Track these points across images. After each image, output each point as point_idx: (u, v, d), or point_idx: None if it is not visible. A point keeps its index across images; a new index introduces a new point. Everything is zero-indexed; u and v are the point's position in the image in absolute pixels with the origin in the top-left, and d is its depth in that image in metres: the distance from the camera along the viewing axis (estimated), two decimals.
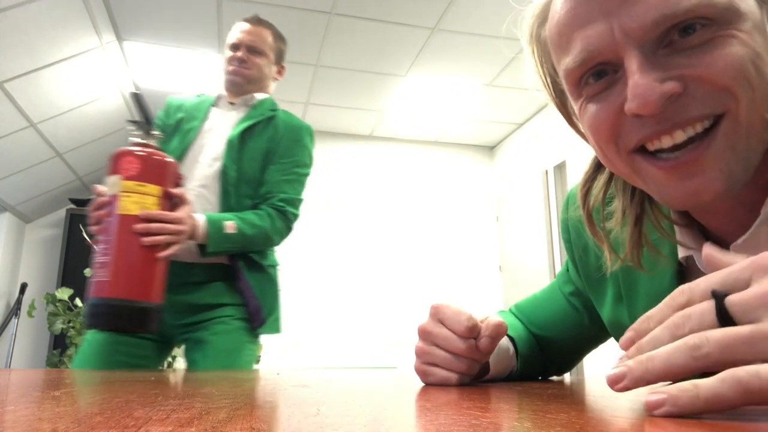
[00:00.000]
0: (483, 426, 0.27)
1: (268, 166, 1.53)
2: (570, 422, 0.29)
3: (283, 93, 4.29)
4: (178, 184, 1.15)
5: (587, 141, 0.53)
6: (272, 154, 1.56)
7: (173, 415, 0.31)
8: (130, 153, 1.08)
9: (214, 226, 1.33)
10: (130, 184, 1.06)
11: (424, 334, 0.60)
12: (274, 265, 1.56)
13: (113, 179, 1.06)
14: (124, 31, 3.44)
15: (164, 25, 3.39)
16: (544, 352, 0.75)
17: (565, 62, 0.48)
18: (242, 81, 1.67)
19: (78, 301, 3.35)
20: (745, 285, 0.31)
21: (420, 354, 0.60)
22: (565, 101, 0.55)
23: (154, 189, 1.08)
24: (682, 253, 0.55)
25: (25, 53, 3.16)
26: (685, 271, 0.56)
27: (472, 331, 0.57)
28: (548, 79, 0.56)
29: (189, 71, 3.93)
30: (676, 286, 0.56)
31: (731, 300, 0.31)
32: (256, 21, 1.81)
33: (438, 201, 5.10)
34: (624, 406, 0.40)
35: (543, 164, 4.43)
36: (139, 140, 1.11)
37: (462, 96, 4.31)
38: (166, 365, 1.63)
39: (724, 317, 0.31)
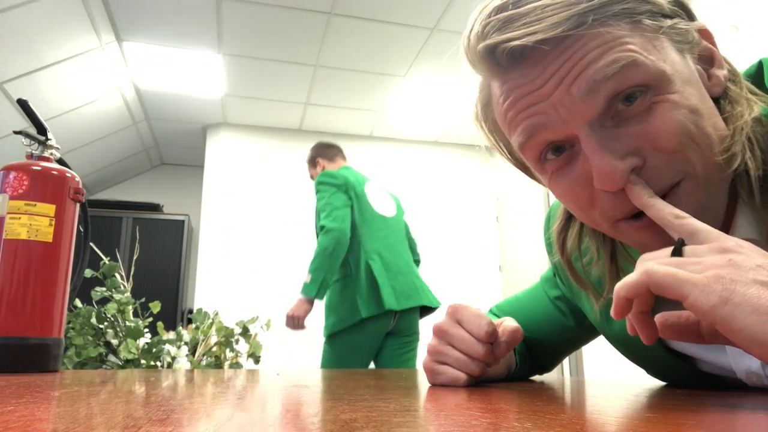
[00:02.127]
0: (483, 426, 0.27)
1: None
2: (570, 422, 0.29)
3: (283, 93, 4.30)
4: (77, 199, 0.98)
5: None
6: None
7: (173, 415, 0.31)
8: (19, 168, 0.91)
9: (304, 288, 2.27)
10: (19, 204, 0.90)
11: (441, 333, 0.60)
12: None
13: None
14: (124, 32, 3.44)
15: (164, 26, 3.39)
16: (530, 353, 0.76)
17: (516, 140, 0.50)
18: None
19: (78, 302, 3.35)
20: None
21: (433, 352, 0.60)
22: (524, 163, 0.57)
23: (48, 208, 0.93)
24: None
25: (25, 53, 3.17)
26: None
27: (491, 336, 0.57)
28: (504, 148, 0.58)
29: (188, 71, 3.92)
30: None
31: (689, 246, 0.39)
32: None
33: (438, 201, 5.10)
34: (624, 406, 0.40)
35: None
36: (31, 152, 0.97)
37: (462, 96, 4.31)
38: (165, 365, 1.63)
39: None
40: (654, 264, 0.37)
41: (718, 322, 0.33)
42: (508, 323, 0.60)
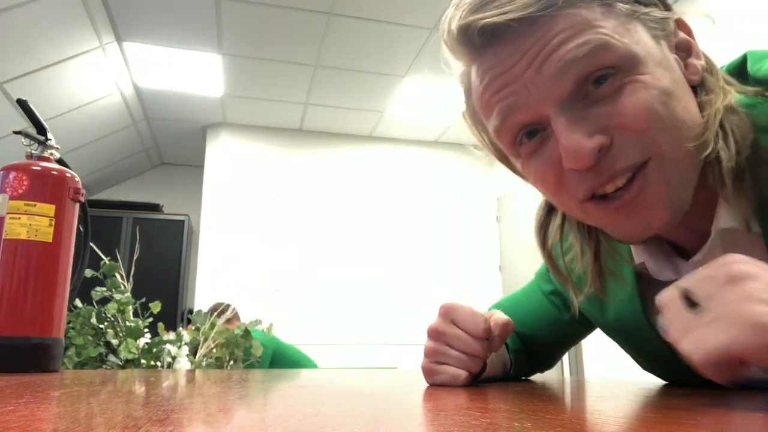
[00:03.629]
0: (483, 426, 0.27)
1: None
2: (570, 422, 0.29)
3: (283, 93, 4.30)
4: (76, 199, 0.98)
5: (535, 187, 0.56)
6: None
7: (173, 415, 0.31)
8: (18, 168, 0.91)
9: None
10: (19, 204, 0.90)
11: (436, 334, 0.60)
12: None
13: None
14: (124, 32, 3.44)
15: (164, 26, 3.39)
16: (528, 350, 0.76)
17: (492, 124, 0.51)
18: None
19: (78, 302, 3.35)
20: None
21: (431, 353, 0.60)
22: (506, 154, 0.58)
23: (48, 208, 0.93)
24: (638, 259, 0.58)
25: (25, 53, 3.17)
26: (643, 275, 0.59)
27: (487, 333, 0.58)
28: (486, 139, 0.59)
29: (188, 71, 3.92)
30: (637, 293, 0.58)
31: (693, 285, 0.39)
32: None
33: (438, 201, 5.10)
34: (624, 406, 0.40)
35: None
36: (31, 152, 0.97)
37: (462, 96, 4.31)
38: (166, 366, 1.63)
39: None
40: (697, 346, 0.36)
41: None
42: (498, 316, 0.60)
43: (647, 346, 0.61)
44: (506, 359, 0.70)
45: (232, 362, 1.77)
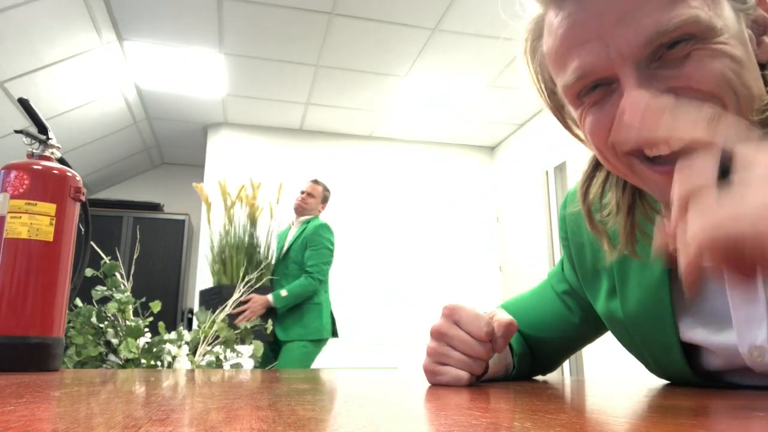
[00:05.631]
0: (483, 426, 0.27)
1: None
2: (570, 422, 0.29)
3: (284, 93, 4.30)
4: (77, 199, 0.98)
5: (584, 144, 0.56)
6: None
7: (173, 415, 0.31)
8: (19, 167, 0.92)
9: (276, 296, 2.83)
10: (20, 203, 0.91)
11: (439, 335, 0.60)
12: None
13: (0, 197, 0.91)
14: (125, 31, 3.44)
15: (165, 25, 3.39)
16: (533, 352, 0.75)
17: (564, 79, 0.51)
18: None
19: (78, 301, 3.35)
20: None
21: (433, 354, 0.60)
22: (561, 108, 0.58)
23: (49, 208, 0.93)
24: None
25: (25, 53, 3.17)
26: (675, 261, 0.57)
27: (490, 336, 0.58)
28: (544, 89, 0.58)
29: (190, 71, 3.92)
30: (667, 276, 0.56)
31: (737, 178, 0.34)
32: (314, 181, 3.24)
33: (438, 201, 5.10)
34: (624, 406, 0.40)
35: (543, 165, 4.43)
36: (32, 151, 0.97)
37: (462, 96, 4.31)
38: (166, 365, 1.64)
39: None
40: (707, 239, 0.32)
41: None
42: (501, 317, 0.60)
43: (661, 340, 0.60)
44: (509, 361, 0.69)
45: (232, 362, 1.77)
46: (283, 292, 2.82)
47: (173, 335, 1.70)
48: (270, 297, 2.80)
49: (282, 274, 2.98)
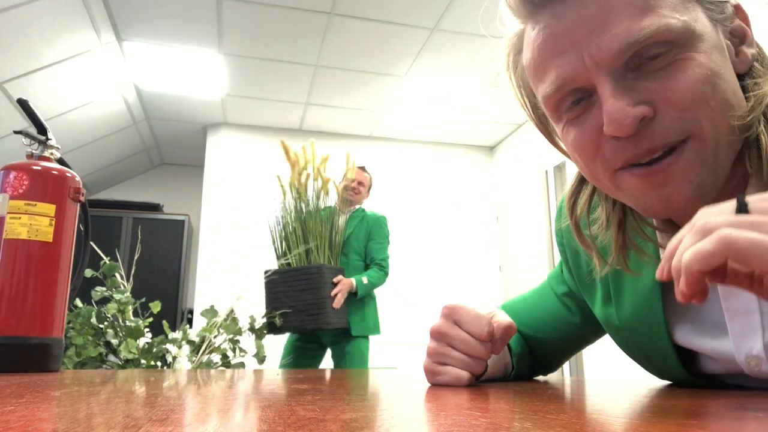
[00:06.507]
0: (483, 426, 0.27)
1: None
2: (570, 422, 0.29)
3: (283, 93, 4.30)
4: (77, 199, 0.98)
5: (568, 157, 0.56)
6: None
7: (173, 415, 0.31)
8: (19, 167, 0.92)
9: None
10: (19, 203, 0.90)
11: (439, 336, 0.60)
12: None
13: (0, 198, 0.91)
14: (124, 31, 3.44)
15: (164, 25, 3.39)
16: (533, 352, 0.75)
17: (543, 90, 0.51)
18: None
19: (78, 301, 3.35)
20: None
21: (433, 354, 0.60)
22: (545, 122, 0.58)
23: (48, 208, 0.93)
24: (663, 243, 0.58)
25: (26, 53, 3.17)
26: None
27: (491, 336, 0.58)
28: (528, 103, 0.59)
29: (189, 71, 3.92)
30: (659, 284, 0.56)
31: (751, 199, 0.36)
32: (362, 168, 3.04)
33: (438, 201, 5.10)
34: (624, 406, 0.40)
35: (543, 164, 4.43)
36: (31, 152, 0.97)
37: (461, 96, 4.31)
38: (167, 365, 1.64)
39: (741, 209, 0.35)
40: (730, 230, 0.33)
41: None
42: (500, 318, 0.60)
43: (656, 350, 0.61)
44: (508, 362, 0.69)
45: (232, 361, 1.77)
46: (365, 279, 2.65)
47: (178, 334, 1.70)
48: (354, 281, 2.60)
49: (342, 263, 2.77)
